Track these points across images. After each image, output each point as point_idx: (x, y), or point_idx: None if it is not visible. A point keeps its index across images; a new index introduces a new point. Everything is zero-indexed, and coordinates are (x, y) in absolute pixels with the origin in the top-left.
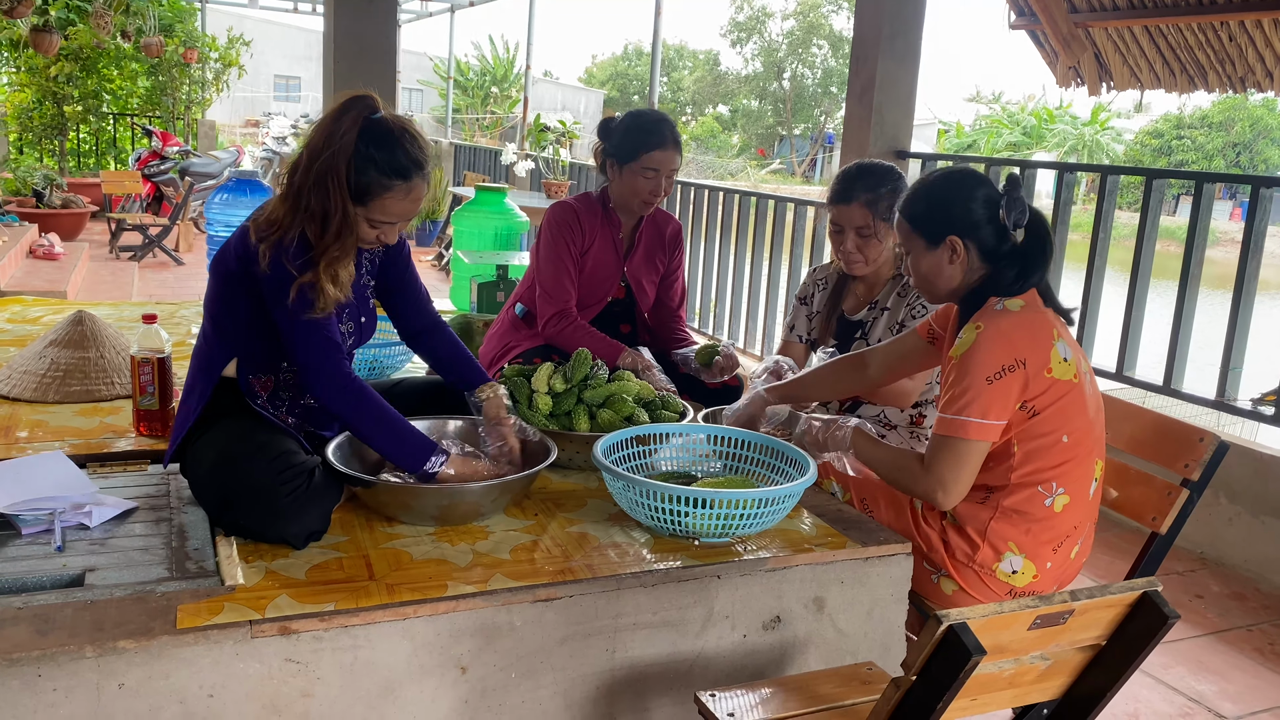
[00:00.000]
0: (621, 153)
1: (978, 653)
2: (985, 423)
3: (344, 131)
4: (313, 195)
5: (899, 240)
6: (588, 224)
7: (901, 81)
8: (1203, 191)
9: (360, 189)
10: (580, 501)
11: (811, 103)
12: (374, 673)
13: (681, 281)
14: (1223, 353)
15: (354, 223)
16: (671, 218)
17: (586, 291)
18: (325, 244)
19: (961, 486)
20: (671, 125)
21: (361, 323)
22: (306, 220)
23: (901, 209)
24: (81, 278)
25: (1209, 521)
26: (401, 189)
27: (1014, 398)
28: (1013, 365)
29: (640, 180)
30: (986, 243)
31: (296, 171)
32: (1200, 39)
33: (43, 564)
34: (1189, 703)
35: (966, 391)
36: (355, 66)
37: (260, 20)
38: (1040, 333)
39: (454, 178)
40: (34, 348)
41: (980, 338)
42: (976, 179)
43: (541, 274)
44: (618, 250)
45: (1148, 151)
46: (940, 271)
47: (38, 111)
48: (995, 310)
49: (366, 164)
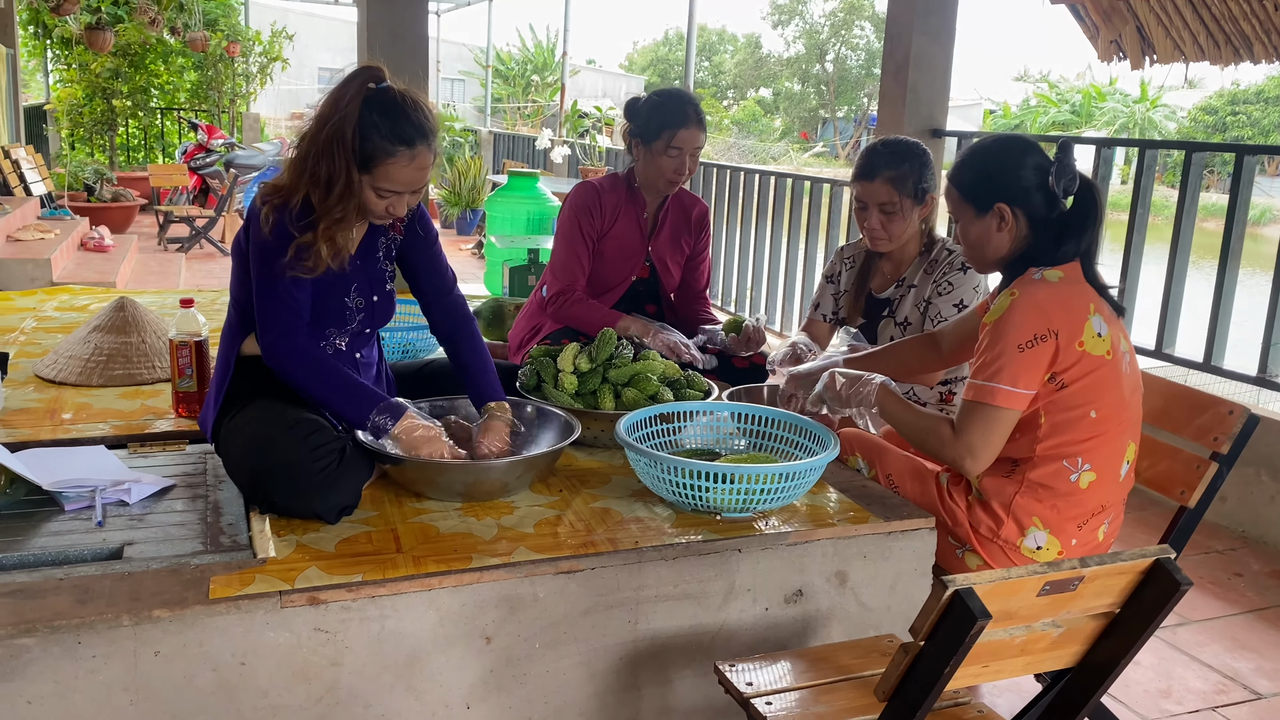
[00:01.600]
0: (647, 132)
1: (983, 617)
2: (1016, 391)
3: (349, 99)
4: (320, 161)
5: (950, 209)
6: (610, 204)
7: (936, 59)
8: (1243, 164)
9: (365, 155)
10: (604, 479)
11: (855, 85)
12: (401, 642)
13: (707, 263)
14: (1264, 329)
15: (358, 189)
16: (698, 199)
17: (611, 270)
18: (327, 206)
19: (990, 453)
20: (695, 104)
21: (374, 301)
22: (311, 185)
23: (951, 176)
24: (130, 269)
25: (1250, 500)
26: (405, 155)
27: (1044, 368)
28: (1045, 335)
29: (665, 159)
30: (1036, 210)
31: (304, 140)
32: (1245, 9)
33: (84, 538)
34: (1224, 680)
35: (999, 358)
36: (388, 55)
37: (304, 14)
38: (1076, 305)
39: (493, 166)
40: (79, 333)
41: (1014, 305)
42: (1026, 145)
43: (554, 253)
44: (642, 230)
45: (1201, 128)
46: (989, 239)
47: (88, 108)
48: (1034, 280)
49: (371, 130)
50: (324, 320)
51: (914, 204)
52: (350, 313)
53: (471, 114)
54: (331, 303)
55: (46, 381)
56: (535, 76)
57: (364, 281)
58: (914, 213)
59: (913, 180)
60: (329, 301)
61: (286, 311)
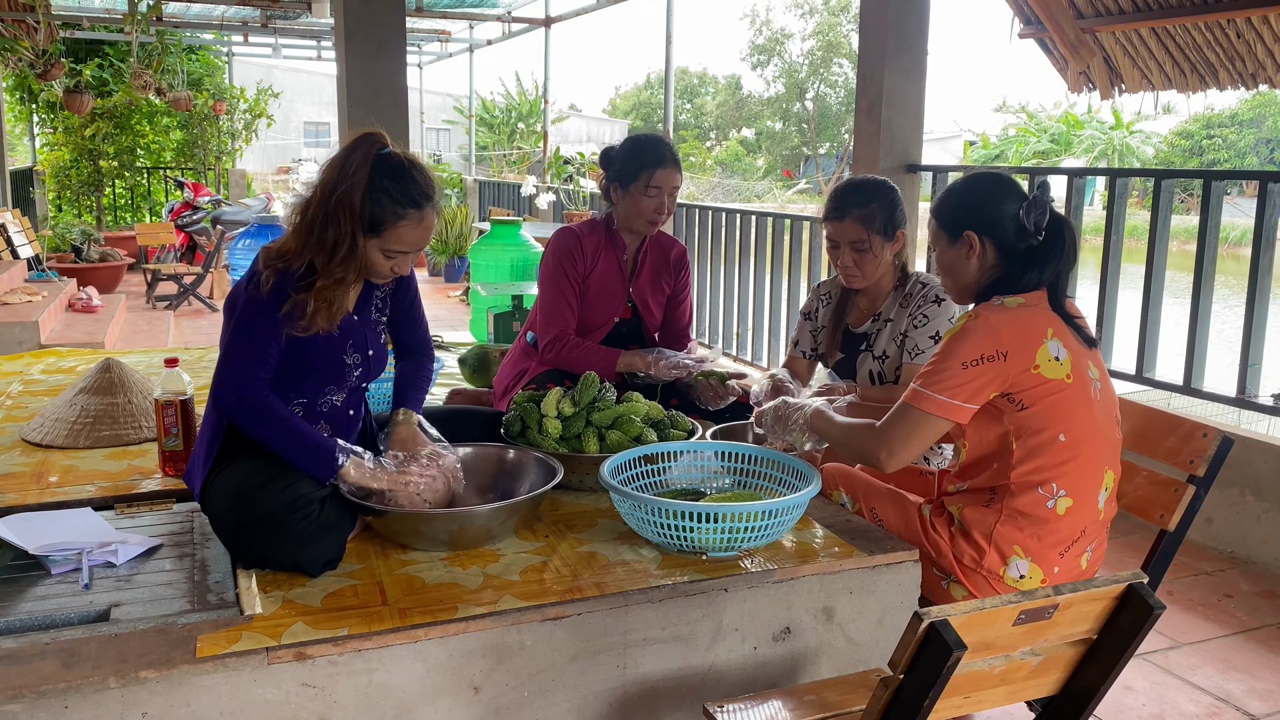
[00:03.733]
0: (624, 176)
1: (958, 648)
2: (949, 402)
3: (356, 166)
4: (326, 227)
5: (930, 237)
6: (590, 247)
7: (909, 95)
8: (1211, 190)
9: (375, 219)
10: (591, 522)
11: (835, 121)
12: (389, 695)
13: (689, 302)
14: (1241, 350)
15: (361, 252)
16: (676, 241)
17: (595, 312)
18: (330, 269)
19: (907, 455)
20: (670, 146)
21: (369, 355)
22: (316, 250)
23: (932, 208)
24: (119, 328)
25: (1237, 520)
26: (415, 217)
27: (988, 387)
28: (993, 356)
29: (644, 200)
30: (1005, 240)
31: (310, 207)
32: (1208, 38)
33: (70, 601)
34: (1216, 702)
35: (943, 370)
36: (369, 109)
37: (289, 69)
38: (1032, 329)
39: (479, 213)
40: (65, 396)
41: (969, 325)
42: (1003, 181)
43: (541, 300)
44: (623, 271)
45: (1178, 152)
46: (959, 266)
47: (75, 169)
48: (994, 305)
49: (380, 195)
50: (325, 379)
51: (885, 240)
52: (349, 369)
53: (457, 162)
54: (331, 360)
55: (33, 445)
56: (520, 124)
57: (360, 337)
58: (885, 249)
59: (882, 217)
60: (329, 359)
61: (249, 364)
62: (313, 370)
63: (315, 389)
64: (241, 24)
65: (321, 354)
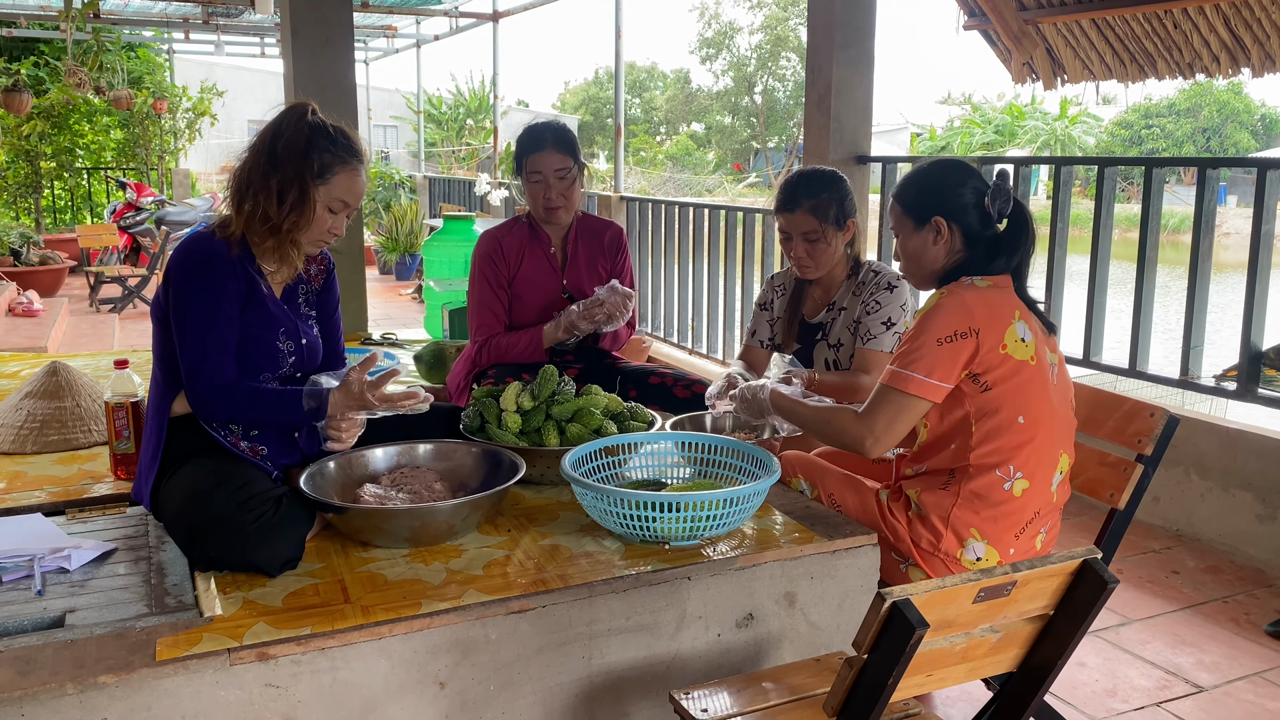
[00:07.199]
0: (517, 169)
1: (921, 626)
2: (929, 381)
3: (292, 125)
4: (271, 175)
5: (893, 225)
6: (512, 246)
7: (858, 87)
8: (1153, 176)
9: (323, 165)
10: (553, 516)
11: (784, 115)
12: (354, 693)
13: (629, 282)
14: (1183, 333)
15: (310, 201)
16: (610, 223)
17: (529, 307)
18: (283, 213)
19: (891, 439)
20: (556, 129)
21: (303, 344)
22: (264, 198)
23: (895, 194)
24: (62, 332)
25: (1182, 499)
26: (355, 166)
27: (961, 364)
28: (965, 332)
29: (531, 187)
30: (970, 226)
31: (247, 168)
32: (1146, 28)
33: (24, 608)
34: (1166, 675)
35: (919, 349)
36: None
37: (232, 67)
38: (1001, 310)
39: (430, 210)
40: (10, 400)
41: (940, 302)
42: (966, 168)
43: (468, 307)
44: (552, 264)
45: (1118, 141)
46: (925, 252)
47: (11, 171)
48: (964, 284)
49: (321, 142)
50: (257, 364)
51: (836, 230)
52: (281, 356)
53: (406, 159)
54: (263, 345)
55: None
56: (470, 120)
57: (290, 325)
58: (837, 238)
59: (833, 207)
60: (260, 343)
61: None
62: (245, 358)
63: (250, 375)
64: (182, 21)
65: (254, 342)
